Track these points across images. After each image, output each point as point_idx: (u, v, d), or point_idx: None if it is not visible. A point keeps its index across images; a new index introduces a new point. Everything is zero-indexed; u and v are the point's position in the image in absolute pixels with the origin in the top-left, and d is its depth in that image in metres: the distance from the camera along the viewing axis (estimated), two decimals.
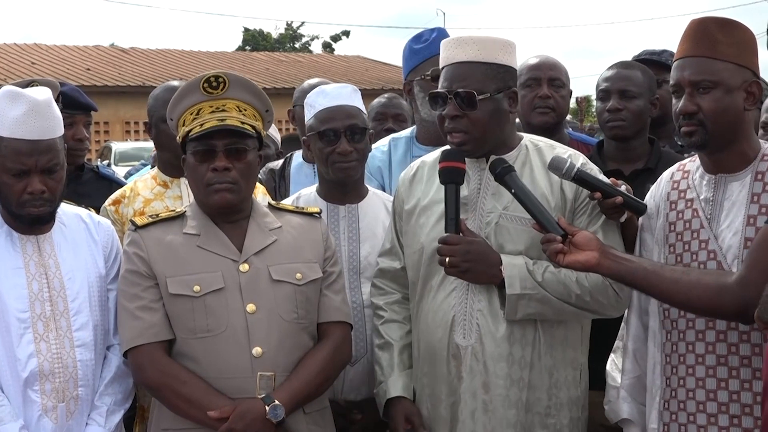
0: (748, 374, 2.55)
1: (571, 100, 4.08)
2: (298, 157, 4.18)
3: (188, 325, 2.75)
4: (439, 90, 2.87)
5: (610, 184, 2.78)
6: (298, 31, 43.27)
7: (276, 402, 2.68)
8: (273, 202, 3.09)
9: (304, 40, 43.29)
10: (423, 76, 3.76)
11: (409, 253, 3.01)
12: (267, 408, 2.67)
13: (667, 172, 2.85)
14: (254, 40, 41.86)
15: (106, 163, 17.65)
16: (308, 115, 3.32)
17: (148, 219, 2.89)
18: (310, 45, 43.08)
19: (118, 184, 4.12)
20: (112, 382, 2.91)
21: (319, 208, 3.08)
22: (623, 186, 2.81)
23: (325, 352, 2.84)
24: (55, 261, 2.86)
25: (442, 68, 2.91)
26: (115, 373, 2.91)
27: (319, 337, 2.89)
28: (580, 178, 2.77)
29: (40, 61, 26.02)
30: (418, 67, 3.83)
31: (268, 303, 2.78)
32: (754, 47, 2.62)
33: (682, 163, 2.84)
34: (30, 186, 2.75)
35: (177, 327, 2.77)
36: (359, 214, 3.31)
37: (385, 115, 4.42)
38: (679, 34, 2.66)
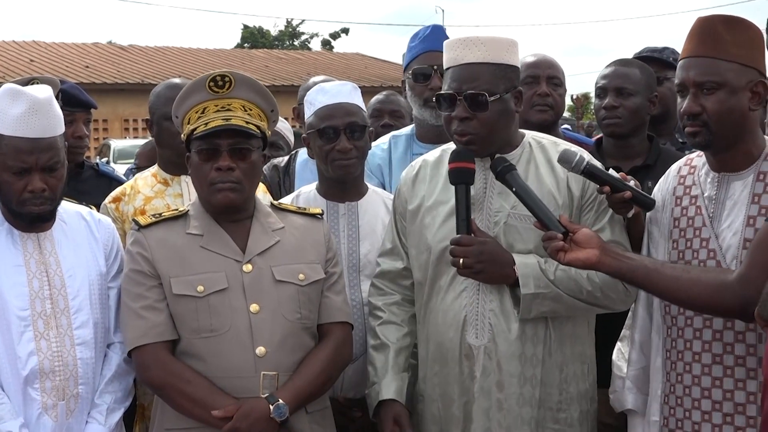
0: (743, 374, 2.56)
1: (567, 99, 4.09)
2: (304, 154, 4.17)
3: (192, 325, 2.76)
4: (447, 91, 2.83)
5: (619, 178, 2.76)
6: (298, 29, 43.27)
7: (280, 401, 2.69)
8: (275, 203, 3.09)
9: (303, 38, 43.30)
10: (408, 76, 3.80)
11: (416, 254, 2.99)
12: (271, 407, 2.68)
13: (675, 166, 2.84)
14: (253, 38, 41.83)
15: (105, 160, 17.64)
16: (308, 113, 3.32)
17: (151, 219, 2.89)
18: (309, 42, 43.11)
19: (118, 182, 4.13)
20: (112, 380, 2.90)
21: (321, 210, 3.08)
22: (632, 181, 2.79)
23: (327, 352, 2.84)
24: (56, 259, 2.85)
25: (447, 69, 2.87)
26: (116, 371, 2.91)
27: (321, 336, 2.89)
28: (590, 172, 2.74)
29: (39, 59, 25.99)
30: (410, 65, 3.85)
31: (271, 303, 2.78)
32: (761, 46, 2.60)
33: (690, 157, 2.83)
34: (31, 184, 2.74)
35: (181, 327, 2.77)
36: (359, 211, 3.31)
37: (382, 112, 4.43)
38: (679, 31, 2.68)
